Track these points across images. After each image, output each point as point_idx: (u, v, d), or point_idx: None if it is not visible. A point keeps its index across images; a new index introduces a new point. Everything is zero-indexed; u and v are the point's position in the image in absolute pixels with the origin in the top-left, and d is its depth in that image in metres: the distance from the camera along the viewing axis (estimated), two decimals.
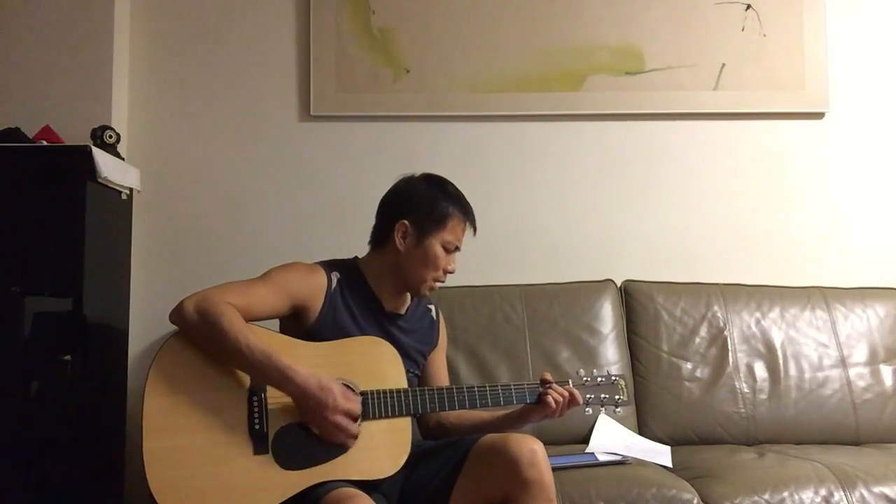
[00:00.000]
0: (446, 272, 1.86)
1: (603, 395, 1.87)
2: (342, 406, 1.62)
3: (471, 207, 1.89)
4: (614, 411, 1.90)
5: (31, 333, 2.13)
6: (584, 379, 1.87)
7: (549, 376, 1.82)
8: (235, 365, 1.64)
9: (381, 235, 1.89)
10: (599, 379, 1.88)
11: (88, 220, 2.22)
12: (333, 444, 1.64)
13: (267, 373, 1.62)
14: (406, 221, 1.84)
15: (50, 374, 2.14)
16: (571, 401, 1.80)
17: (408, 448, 1.70)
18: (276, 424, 1.64)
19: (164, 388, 1.61)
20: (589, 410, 1.86)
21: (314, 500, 1.57)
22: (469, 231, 1.89)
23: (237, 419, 1.62)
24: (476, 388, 1.79)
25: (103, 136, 2.38)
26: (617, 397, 1.88)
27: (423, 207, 1.84)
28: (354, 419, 1.65)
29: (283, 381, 1.61)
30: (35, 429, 2.12)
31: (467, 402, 1.78)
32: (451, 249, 1.85)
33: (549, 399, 1.77)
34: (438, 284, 1.88)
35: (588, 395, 1.85)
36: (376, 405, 1.69)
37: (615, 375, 1.91)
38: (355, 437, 1.65)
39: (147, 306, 2.58)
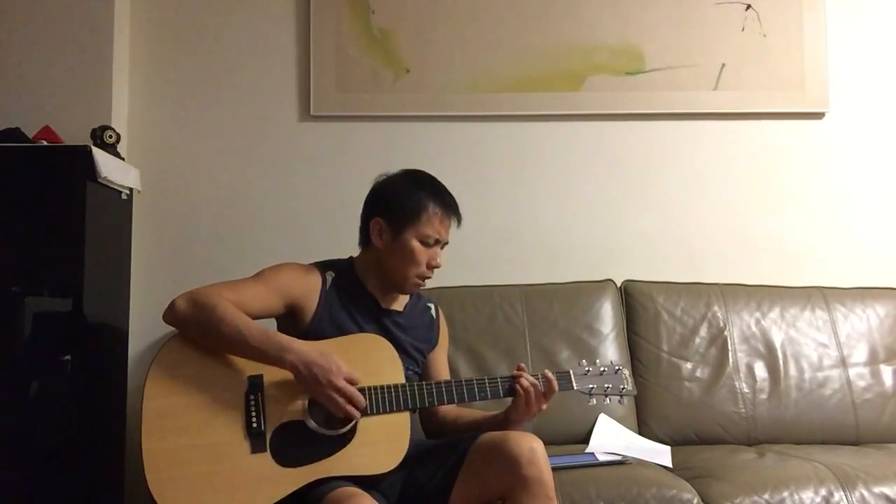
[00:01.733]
0: (431, 267, 1.83)
1: (607, 385, 1.84)
2: (345, 370, 1.62)
3: (451, 199, 1.85)
4: (619, 402, 1.88)
5: (31, 333, 2.13)
6: (586, 369, 1.85)
7: (522, 366, 1.80)
8: (233, 351, 1.65)
9: (362, 235, 1.90)
10: (602, 369, 1.85)
11: (88, 220, 2.22)
12: (342, 430, 1.64)
13: (265, 351, 1.62)
14: (380, 218, 1.83)
15: (50, 374, 2.14)
16: (548, 389, 1.76)
17: (406, 443, 1.70)
18: (274, 423, 1.64)
19: (163, 389, 1.62)
20: (593, 401, 1.84)
21: (315, 498, 1.57)
22: (455, 224, 1.86)
23: (235, 418, 1.63)
24: (475, 381, 1.78)
25: (103, 136, 2.38)
26: (622, 387, 1.85)
27: (396, 202, 1.83)
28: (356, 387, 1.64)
29: (283, 354, 1.61)
30: (35, 429, 2.12)
31: (465, 395, 1.77)
32: (430, 243, 1.82)
33: (518, 388, 1.74)
34: (426, 281, 1.85)
35: (590, 386, 1.83)
36: (374, 401, 1.69)
37: (618, 365, 1.88)
38: (363, 407, 1.64)
39: (147, 306, 2.57)
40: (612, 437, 2.25)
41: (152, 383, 1.62)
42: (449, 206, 1.84)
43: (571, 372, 1.84)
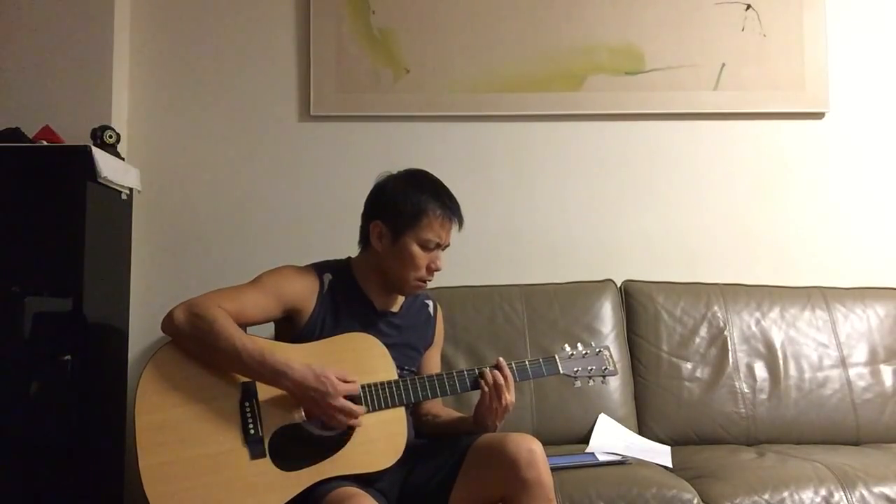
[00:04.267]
0: (431, 270, 1.82)
1: (590, 368, 1.88)
2: (342, 389, 1.63)
3: (452, 201, 1.83)
4: (602, 382, 1.91)
5: (31, 333, 2.13)
6: (570, 353, 1.88)
7: (501, 360, 1.79)
8: (229, 367, 1.64)
9: (362, 237, 1.89)
10: (585, 352, 1.89)
11: (88, 220, 2.22)
12: (340, 431, 1.65)
13: (262, 372, 1.62)
14: (380, 222, 1.82)
15: (50, 374, 2.14)
16: (504, 380, 1.75)
17: (404, 438, 1.71)
18: (271, 427, 1.64)
19: (156, 402, 1.60)
20: (578, 384, 1.88)
21: (316, 500, 1.57)
22: (456, 227, 1.84)
23: (231, 426, 1.62)
24: (465, 372, 1.78)
25: (103, 136, 2.38)
26: (604, 368, 1.89)
27: (395, 206, 1.80)
28: (355, 401, 1.65)
29: (279, 377, 1.62)
30: (35, 429, 2.12)
31: (458, 387, 1.77)
32: (429, 247, 1.80)
33: (482, 384, 1.75)
34: (426, 283, 1.85)
35: (575, 368, 1.86)
36: (369, 398, 1.70)
37: (600, 347, 1.92)
38: (359, 415, 1.65)
39: (147, 306, 2.57)
40: (612, 437, 2.25)
41: (144, 397, 1.60)
42: (450, 209, 1.82)
43: (557, 356, 1.86)
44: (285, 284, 1.78)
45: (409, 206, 1.79)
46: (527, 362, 1.83)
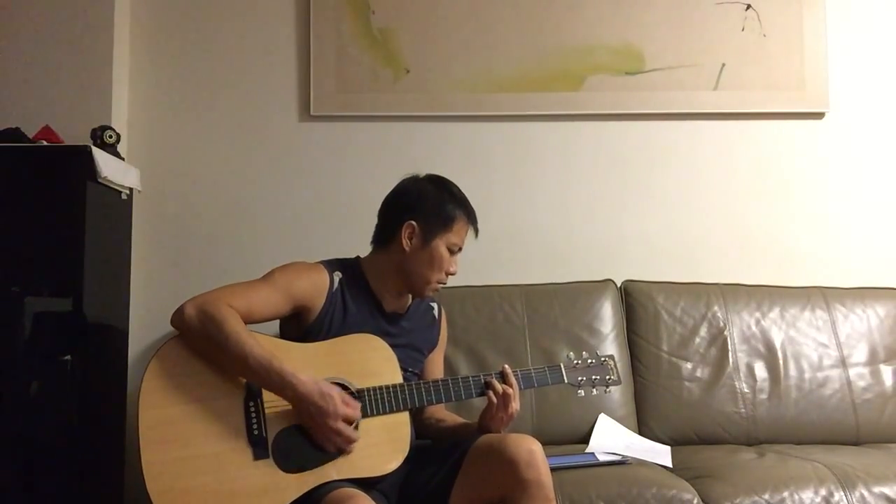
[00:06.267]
0: (448, 274, 1.87)
1: (594, 377, 1.91)
2: (342, 412, 1.62)
3: (473, 210, 1.90)
4: (605, 391, 1.93)
5: (31, 333, 2.13)
6: (575, 362, 1.90)
7: (506, 368, 1.81)
8: (236, 370, 1.64)
9: (386, 235, 1.88)
10: (590, 361, 1.92)
11: (88, 220, 2.22)
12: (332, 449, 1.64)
13: (267, 379, 1.62)
14: (413, 222, 1.84)
15: (50, 374, 2.14)
16: (508, 383, 1.78)
17: (407, 443, 1.70)
18: (275, 428, 1.63)
19: (159, 398, 1.60)
20: (581, 392, 1.89)
21: (315, 501, 1.57)
22: (470, 233, 1.90)
23: (235, 425, 1.61)
24: (471, 378, 1.79)
25: (103, 136, 2.38)
26: (608, 377, 1.92)
27: (430, 208, 1.84)
28: (353, 424, 1.65)
29: (284, 387, 1.61)
30: (34, 429, 2.12)
31: (462, 393, 1.78)
32: (454, 251, 1.86)
33: (490, 394, 1.76)
34: (441, 286, 1.88)
35: (580, 378, 1.89)
36: (373, 402, 1.70)
37: (604, 356, 1.95)
38: (354, 442, 1.64)
39: (147, 306, 2.58)
40: (612, 437, 2.25)
41: (148, 393, 1.60)
42: (473, 217, 1.89)
43: (562, 366, 1.89)
44: (296, 281, 1.77)
45: (445, 210, 1.84)
46: (532, 370, 1.85)
